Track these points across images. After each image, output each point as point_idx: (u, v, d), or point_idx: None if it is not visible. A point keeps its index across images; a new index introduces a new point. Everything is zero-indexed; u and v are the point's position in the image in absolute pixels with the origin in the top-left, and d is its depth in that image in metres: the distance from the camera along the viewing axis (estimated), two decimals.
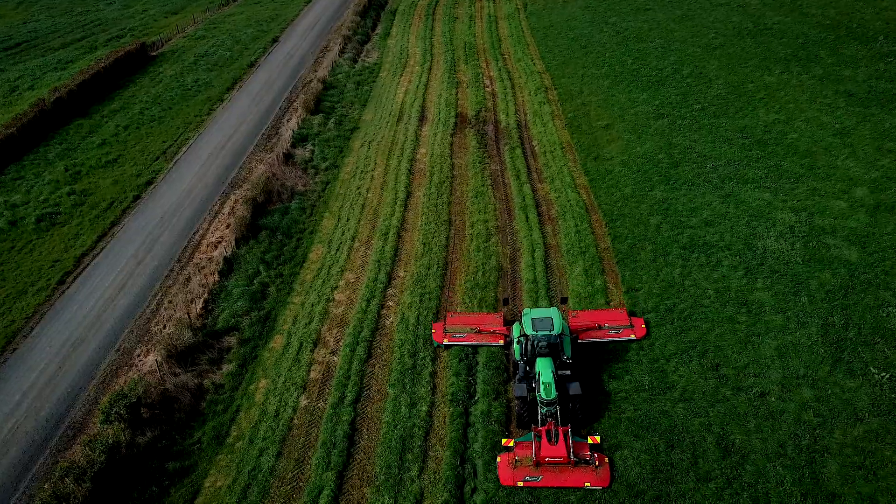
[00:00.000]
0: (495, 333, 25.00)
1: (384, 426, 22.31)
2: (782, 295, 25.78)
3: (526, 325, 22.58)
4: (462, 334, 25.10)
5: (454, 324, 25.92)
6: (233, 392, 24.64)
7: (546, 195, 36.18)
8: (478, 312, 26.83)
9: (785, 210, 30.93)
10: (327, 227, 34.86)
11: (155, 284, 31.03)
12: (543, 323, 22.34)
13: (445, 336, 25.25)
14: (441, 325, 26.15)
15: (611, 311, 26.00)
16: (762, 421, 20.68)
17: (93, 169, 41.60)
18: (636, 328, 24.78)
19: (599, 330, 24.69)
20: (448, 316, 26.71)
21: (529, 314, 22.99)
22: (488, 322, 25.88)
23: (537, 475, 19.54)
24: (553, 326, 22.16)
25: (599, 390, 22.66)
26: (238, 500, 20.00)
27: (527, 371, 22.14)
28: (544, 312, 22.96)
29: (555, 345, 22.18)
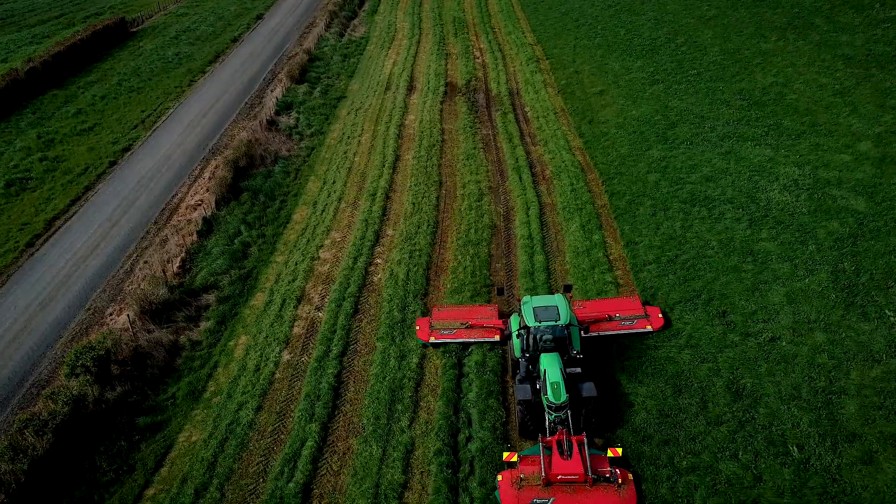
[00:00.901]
0: (490, 328, 21.87)
1: (372, 378, 20.91)
2: (789, 244, 24.64)
3: (526, 315, 19.10)
4: (451, 330, 21.88)
5: (442, 318, 22.52)
6: (210, 349, 23.14)
7: (540, 157, 34.94)
8: (468, 305, 23.45)
9: (788, 165, 29.86)
10: (312, 190, 33.39)
11: (130, 246, 29.42)
12: (547, 312, 18.97)
13: (432, 333, 21.92)
14: (426, 320, 22.75)
15: (621, 299, 22.80)
16: (774, 365, 19.50)
17: (67, 137, 39.86)
18: (652, 318, 21.59)
19: (610, 322, 21.47)
20: (434, 310, 23.14)
21: (530, 303, 19.64)
22: (481, 315, 22.59)
23: (548, 497, 15.91)
24: (559, 316, 18.81)
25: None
26: (214, 453, 18.53)
27: (529, 370, 18.71)
28: (548, 300, 19.70)
29: (562, 338, 18.85)
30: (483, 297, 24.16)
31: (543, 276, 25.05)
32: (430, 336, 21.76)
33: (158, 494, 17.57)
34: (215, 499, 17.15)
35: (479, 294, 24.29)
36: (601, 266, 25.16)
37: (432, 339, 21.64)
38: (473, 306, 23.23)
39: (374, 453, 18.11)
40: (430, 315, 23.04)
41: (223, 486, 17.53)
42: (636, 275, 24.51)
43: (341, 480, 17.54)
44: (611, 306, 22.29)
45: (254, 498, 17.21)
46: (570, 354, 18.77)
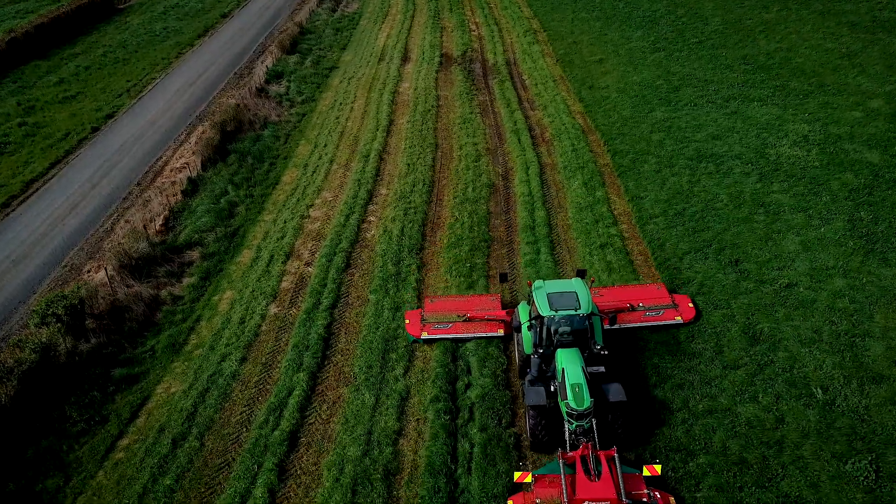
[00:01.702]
0: (492, 320, 18.78)
1: (364, 329, 19.64)
2: (802, 196, 23.55)
3: (539, 302, 15.91)
4: (447, 324, 18.78)
5: (435, 311, 19.38)
6: (193, 303, 21.81)
7: (539, 120, 33.75)
8: (466, 295, 20.36)
9: (797, 122, 28.80)
10: (303, 153, 32.09)
11: (111, 206, 28.04)
12: (564, 299, 15.83)
13: (424, 328, 18.71)
14: (417, 313, 19.57)
15: (645, 286, 19.86)
16: (791, 310, 18.36)
17: (48, 104, 38.39)
18: (682, 308, 18.61)
19: (633, 312, 18.55)
20: (426, 302, 19.97)
21: (543, 288, 16.45)
22: (481, 305, 19.50)
23: None
24: (578, 303, 15.67)
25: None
26: (194, 403, 17.22)
27: (542, 369, 15.80)
28: (564, 285, 16.56)
29: (582, 330, 15.83)
30: (481, 254, 22.92)
31: (545, 230, 23.84)
32: (422, 331, 18.66)
33: (133, 444, 16.26)
34: (194, 448, 15.86)
35: (478, 248, 23.06)
36: (605, 220, 23.99)
37: (424, 335, 18.55)
38: (472, 296, 20.21)
39: (366, 401, 16.85)
40: (421, 307, 20.06)
41: (203, 436, 16.23)
42: (642, 227, 23.36)
43: (331, 428, 16.27)
44: (633, 294, 19.34)
45: (236, 447, 15.92)
46: (592, 350, 15.79)
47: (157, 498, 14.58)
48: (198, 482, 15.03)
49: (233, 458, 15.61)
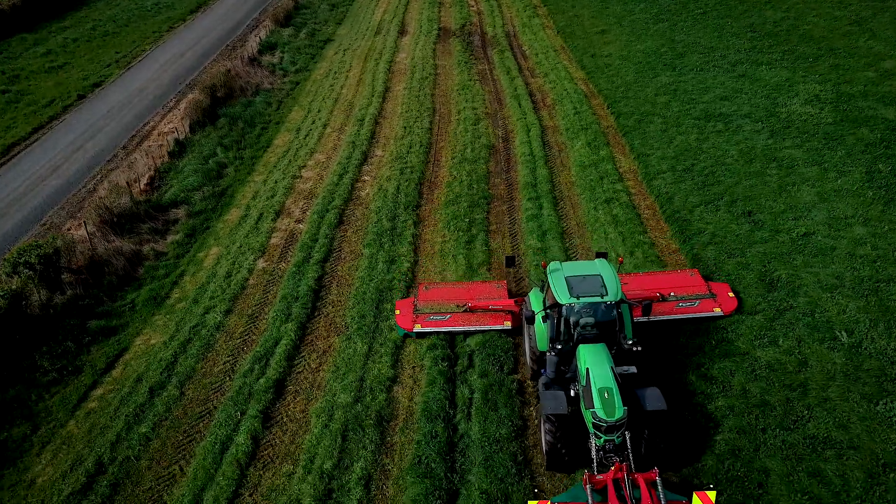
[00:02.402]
0: (498, 311, 16.17)
1: (357, 281, 18.56)
2: (816, 150, 22.52)
3: (557, 288, 13.08)
4: (444, 315, 16.12)
5: (430, 300, 16.67)
6: (177, 259, 20.71)
7: (540, 87, 32.69)
8: (467, 282, 17.67)
9: (807, 83, 27.78)
10: (296, 118, 30.99)
11: (95, 168, 26.92)
12: (587, 283, 13.05)
13: (417, 319, 16.02)
14: (409, 302, 16.78)
15: (676, 273, 17.10)
16: (810, 258, 17.32)
17: (34, 74, 37.22)
18: (721, 298, 15.98)
19: (663, 302, 15.90)
20: (420, 289, 17.20)
21: (561, 271, 13.61)
22: (485, 294, 16.80)
23: None
24: (605, 288, 12.89)
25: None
26: (175, 354, 16.10)
27: (561, 370, 13.09)
28: (586, 267, 13.79)
29: (609, 321, 13.10)
30: (481, 210, 21.84)
31: (547, 186, 22.79)
32: (415, 323, 15.91)
33: (107, 394, 15.16)
34: (173, 397, 14.75)
35: (477, 205, 21.98)
36: (610, 177, 22.93)
37: (417, 328, 15.79)
38: (474, 283, 17.55)
39: (358, 349, 15.76)
40: (414, 295, 17.25)
41: (183, 385, 15.12)
42: (649, 183, 22.30)
43: (320, 377, 15.18)
44: (662, 282, 16.66)
45: (218, 395, 14.82)
46: (621, 345, 13.07)
47: (132, 446, 13.47)
48: (176, 430, 13.93)
49: (214, 406, 14.52)
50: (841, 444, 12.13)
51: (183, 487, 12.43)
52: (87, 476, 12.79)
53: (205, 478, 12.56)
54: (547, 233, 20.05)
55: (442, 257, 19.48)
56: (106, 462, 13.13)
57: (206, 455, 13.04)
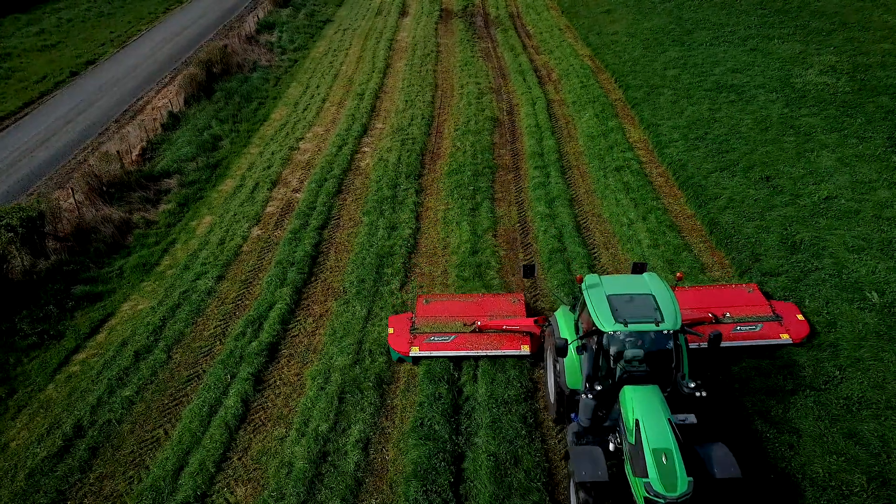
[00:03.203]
0: (514, 332, 13.29)
1: (356, 247, 17.66)
2: (834, 118, 21.64)
3: (597, 310, 9.97)
4: (447, 336, 13.34)
5: (431, 316, 13.87)
6: (169, 228, 19.81)
7: (545, 63, 31.82)
8: (476, 295, 14.63)
9: (822, 54, 26.91)
10: (294, 94, 30.10)
11: (85, 140, 26.04)
12: (636, 305, 10.00)
13: (414, 340, 13.26)
14: (405, 318, 14.02)
15: (729, 288, 14.13)
16: (833, 220, 16.43)
17: (26, 52, 36.33)
18: (788, 322, 13.02)
19: (717, 325, 13.05)
20: (419, 302, 14.31)
21: (601, 287, 10.49)
22: (498, 309, 13.91)
23: None
24: (660, 312, 9.84)
25: None
26: (163, 318, 15.20)
27: (598, 416, 10.06)
28: (632, 283, 10.60)
29: (663, 354, 10.00)
30: (486, 179, 20.93)
31: (554, 156, 21.91)
32: (411, 344, 13.17)
33: (90, 359, 14.26)
34: (160, 360, 13.85)
35: (482, 174, 21.08)
36: (620, 146, 22.05)
37: (414, 352, 13.05)
38: (484, 295, 14.58)
39: (357, 313, 14.86)
40: (413, 309, 14.53)
41: (170, 349, 14.22)
42: (660, 151, 21.42)
43: (316, 340, 14.28)
44: (714, 298, 13.72)
45: (207, 359, 13.93)
46: (679, 389, 9.79)
47: (113, 409, 12.58)
48: (161, 394, 13.04)
49: (203, 370, 13.62)
50: (878, 404, 11.24)
51: (167, 451, 11.53)
52: (65, 440, 11.89)
53: (191, 441, 11.67)
54: (555, 200, 19.15)
55: (445, 224, 18.58)
56: (85, 425, 12.23)
57: (193, 418, 12.15)
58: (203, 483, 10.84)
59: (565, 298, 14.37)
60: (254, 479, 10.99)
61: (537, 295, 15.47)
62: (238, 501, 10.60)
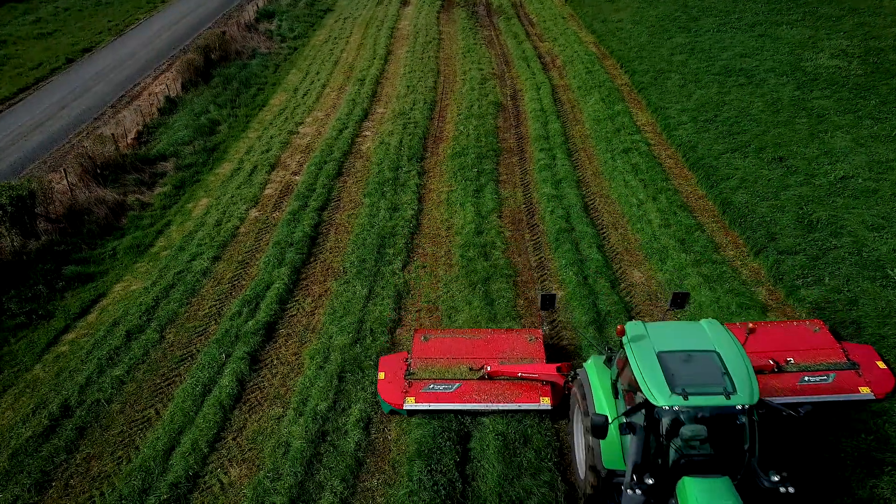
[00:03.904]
0: (531, 380, 10.93)
1: (357, 228, 17.10)
2: (847, 100, 21.09)
3: (647, 375, 7.77)
4: (450, 384, 10.98)
5: (431, 358, 11.46)
6: (164, 210, 19.27)
7: (549, 50, 31.28)
8: (485, 330, 12.21)
9: (832, 39, 26.36)
10: (293, 80, 29.55)
11: (80, 125, 25.49)
12: (699, 369, 7.84)
13: (409, 389, 10.90)
14: (398, 360, 11.61)
15: (790, 325, 11.60)
16: (850, 200, 15.88)
17: (22, 39, 35.84)
18: (867, 371, 10.59)
19: (779, 374, 10.56)
20: (416, 340, 11.87)
21: (649, 340, 8.29)
22: (511, 352, 11.48)
23: None
24: (731, 381, 7.61)
25: None
26: (156, 298, 14.65)
27: None
28: (689, 334, 8.47)
29: (734, 436, 7.62)
30: (490, 161, 20.37)
31: (560, 139, 21.36)
32: (406, 394, 10.79)
33: (80, 339, 13.71)
34: (152, 340, 13.30)
35: (486, 157, 20.52)
36: (627, 129, 21.51)
37: (410, 403, 10.66)
38: (494, 332, 12.09)
39: (358, 292, 14.32)
40: (409, 348, 12.04)
41: (163, 329, 13.67)
42: (669, 133, 20.87)
43: (315, 320, 13.73)
44: (773, 340, 11.11)
45: (201, 339, 13.38)
46: (760, 482, 7.39)
47: (103, 389, 12.03)
48: (153, 373, 12.49)
49: (197, 350, 13.07)
50: None
51: (158, 430, 10.98)
52: (51, 419, 11.34)
53: (183, 420, 11.12)
54: (562, 181, 18.60)
55: (449, 206, 18.03)
56: (73, 405, 11.69)
57: (186, 398, 11.60)
58: (195, 463, 10.29)
59: (594, 340, 11.88)
60: (249, 459, 10.44)
61: (557, 325, 13.10)
62: (232, 482, 10.05)
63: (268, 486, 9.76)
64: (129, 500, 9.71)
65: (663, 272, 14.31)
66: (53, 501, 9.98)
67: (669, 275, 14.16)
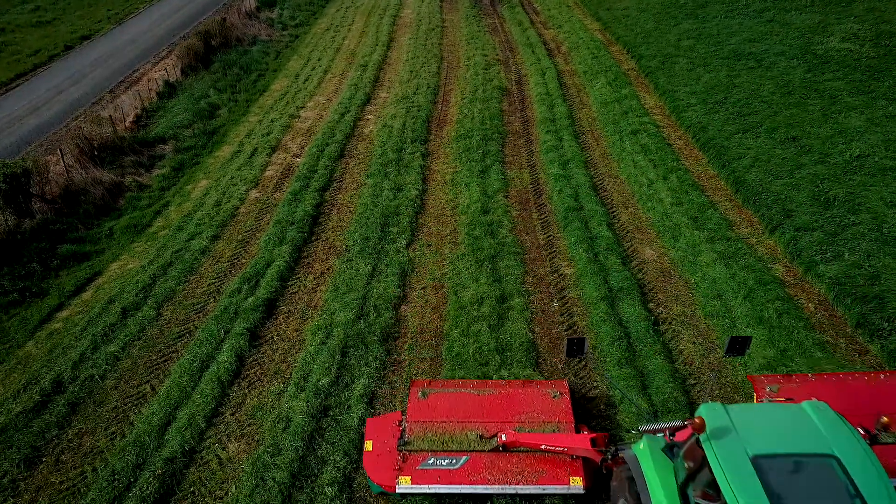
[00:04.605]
0: (557, 452, 8.64)
1: (360, 207, 16.66)
2: (860, 82, 20.67)
3: (733, 485, 5.59)
4: (454, 459, 8.78)
5: (430, 420, 9.19)
6: (162, 191, 18.85)
7: (554, 37, 30.87)
8: (496, 383, 9.86)
9: (843, 23, 25.93)
10: (294, 67, 29.14)
11: (77, 109, 25.09)
12: (812, 482, 5.69)
13: (402, 465, 8.71)
14: (391, 423, 9.31)
15: (874, 377, 8.84)
16: (867, 177, 15.45)
17: (20, 27, 35.45)
18: None
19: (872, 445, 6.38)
20: (412, 396, 9.50)
21: (736, 438, 5.97)
22: (531, 413, 9.26)
23: None
24: (858, 498, 5.49)
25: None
26: (153, 276, 14.23)
27: None
28: (789, 424, 6.18)
29: None
30: (495, 143, 19.93)
31: (567, 122, 20.93)
32: (399, 471, 8.67)
33: (74, 316, 13.29)
34: (149, 317, 12.87)
35: (491, 139, 20.08)
36: (635, 112, 21.07)
37: (403, 485, 8.58)
38: (509, 385, 9.76)
39: (361, 270, 13.89)
40: (403, 407, 9.86)
41: (160, 306, 13.25)
42: (678, 115, 20.44)
43: (317, 297, 13.31)
44: (857, 394, 8.48)
45: (200, 316, 12.95)
46: None
47: (97, 365, 11.60)
48: (149, 350, 12.06)
49: (195, 326, 12.64)
50: None
51: (153, 406, 10.54)
52: (43, 395, 10.91)
53: (179, 396, 10.69)
54: (569, 162, 18.18)
55: (454, 186, 17.61)
56: (66, 381, 11.26)
57: (183, 373, 11.18)
58: (192, 438, 9.86)
59: (640, 406, 9.43)
60: (248, 434, 10.01)
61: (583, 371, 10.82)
62: (230, 457, 9.62)
63: (267, 460, 9.33)
64: (121, 475, 9.29)
65: (676, 249, 13.88)
66: (44, 477, 9.56)
67: (683, 252, 13.72)
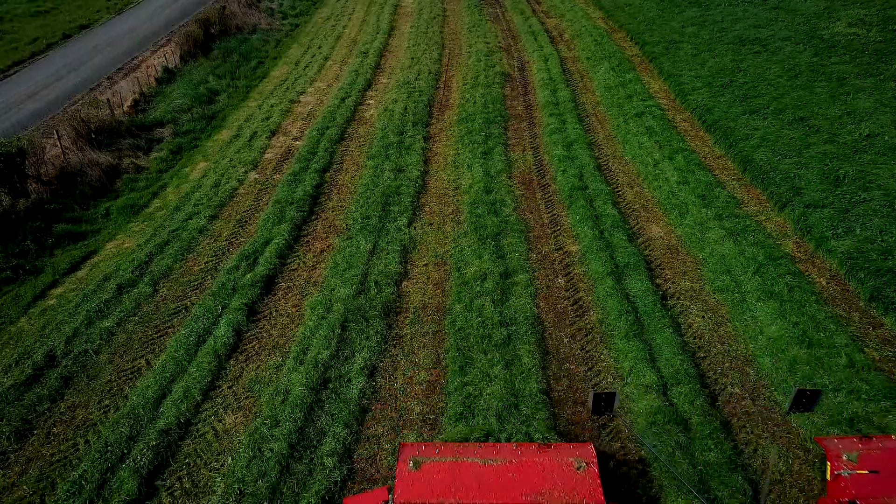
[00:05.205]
0: None
1: (360, 188, 16.39)
2: (867, 64, 20.42)
3: None
4: None
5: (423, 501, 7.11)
6: (160, 174, 18.56)
7: (556, 25, 30.60)
8: (506, 447, 7.71)
9: (849, 9, 25.69)
10: (295, 54, 28.87)
11: (76, 95, 24.81)
12: None
13: None
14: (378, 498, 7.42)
15: None
16: (877, 156, 15.19)
17: (18, 17, 35.14)
18: None
19: None
20: (401, 466, 7.44)
21: None
22: (548, 494, 7.11)
23: None
24: None
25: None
26: (149, 254, 13.94)
27: None
28: None
29: None
30: (498, 126, 19.61)
31: (570, 105, 20.67)
32: None
33: (68, 293, 13.01)
34: (144, 294, 12.60)
35: (493, 122, 19.79)
36: (640, 95, 20.80)
37: None
38: (520, 450, 7.68)
39: (362, 247, 13.61)
40: (391, 480, 8.26)
41: (157, 283, 12.98)
42: (683, 98, 20.18)
43: (317, 274, 13.04)
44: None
45: (197, 292, 12.68)
46: None
47: (91, 340, 11.32)
48: (145, 325, 11.79)
49: (192, 302, 12.37)
50: None
51: (148, 379, 10.27)
52: (35, 369, 10.64)
53: (175, 369, 10.42)
54: (573, 144, 17.90)
55: (455, 167, 17.33)
56: (59, 355, 10.99)
57: (179, 347, 10.90)
58: (187, 410, 9.59)
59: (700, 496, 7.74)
60: (245, 407, 9.74)
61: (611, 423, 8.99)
62: (227, 429, 9.35)
63: (265, 432, 9.05)
64: (114, 447, 9.01)
65: (683, 226, 13.60)
66: (35, 449, 9.29)
67: (690, 229, 13.45)
